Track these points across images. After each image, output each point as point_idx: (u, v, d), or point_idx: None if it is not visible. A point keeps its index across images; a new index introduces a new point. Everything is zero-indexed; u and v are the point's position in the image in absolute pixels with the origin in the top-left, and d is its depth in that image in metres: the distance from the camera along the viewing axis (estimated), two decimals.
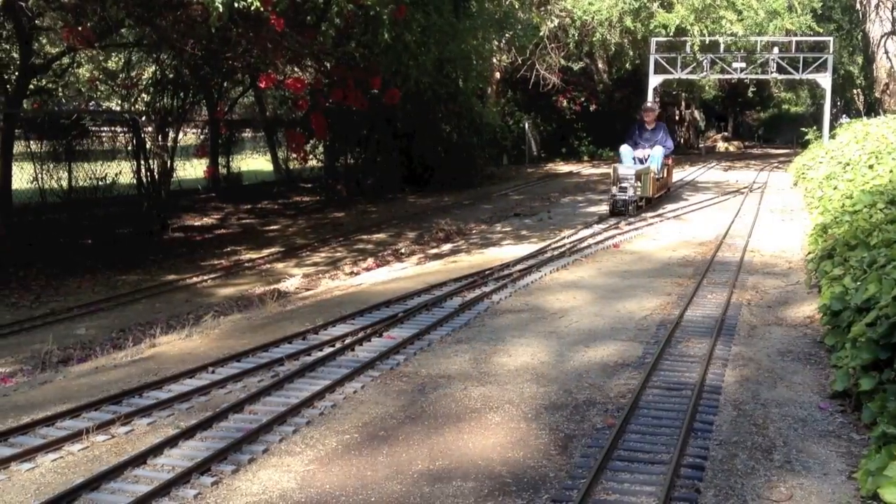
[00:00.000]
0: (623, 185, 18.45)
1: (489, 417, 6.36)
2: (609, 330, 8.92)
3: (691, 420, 6.09)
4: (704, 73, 33.07)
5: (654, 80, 32.64)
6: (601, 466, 5.30)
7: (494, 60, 32.20)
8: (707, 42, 30.29)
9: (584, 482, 5.08)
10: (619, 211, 18.49)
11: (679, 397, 6.65)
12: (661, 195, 21.09)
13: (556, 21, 32.13)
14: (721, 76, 34.89)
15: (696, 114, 58.77)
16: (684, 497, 4.98)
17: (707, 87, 49.30)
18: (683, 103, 55.01)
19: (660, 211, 19.66)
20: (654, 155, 20.28)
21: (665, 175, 21.78)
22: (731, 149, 56.22)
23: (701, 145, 56.17)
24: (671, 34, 29.81)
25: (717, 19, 29.60)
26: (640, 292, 10.73)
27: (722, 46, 31.12)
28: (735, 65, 32.13)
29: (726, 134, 64.06)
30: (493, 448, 5.77)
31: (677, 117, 56.16)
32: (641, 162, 19.87)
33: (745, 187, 25.56)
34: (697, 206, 20.60)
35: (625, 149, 20.47)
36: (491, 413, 6.45)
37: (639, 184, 18.58)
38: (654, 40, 31.76)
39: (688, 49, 30.97)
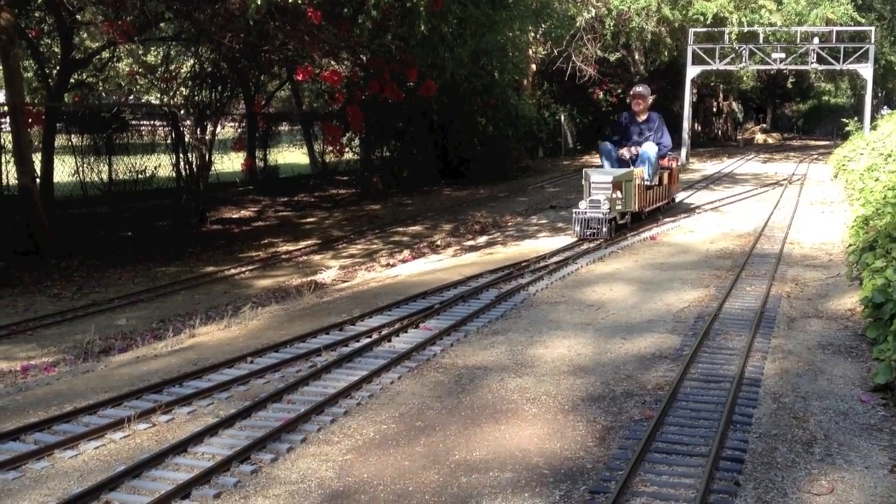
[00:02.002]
0: (595, 197, 13.95)
1: (526, 409, 6.35)
2: (646, 322, 8.87)
3: (730, 412, 6.04)
4: (743, 64, 32.70)
5: (692, 72, 32.37)
6: (639, 458, 5.28)
7: (530, 52, 32.09)
8: (745, 32, 29.93)
9: (621, 474, 5.06)
10: (589, 235, 13.94)
11: (718, 389, 6.60)
12: (657, 207, 16.72)
13: (593, 11, 31.93)
14: (760, 67, 34.50)
15: (734, 105, 58.16)
16: (724, 490, 4.95)
17: (745, 78, 48.71)
18: (721, 95, 54.44)
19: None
20: (645, 154, 15.69)
21: (666, 181, 17.18)
22: (770, 141, 55.62)
23: (739, 137, 55.59)
24: (709, 23, 29.49)
25: (756, 8, 29.24)
26: (677, 284, 10.66)
27: (761, 37, 30.74)
28: (774, 55, 31.72)
29: (765, 126, 63.34)
30: (529, 439, 5.77)
31: (715, 109, 55.64)
32: (628, 164, 15.58)
33: (784, 179, 25.27)
34: (736, 198, 20.40)
35: (605, 147, 16.16)
36: (528, 404, 6.44)
37: (618, 195, 14.28)
38: (691, 31, 31.47)
39: (726, 39, 30.63)
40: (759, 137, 56.85)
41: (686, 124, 34.04)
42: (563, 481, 5.13)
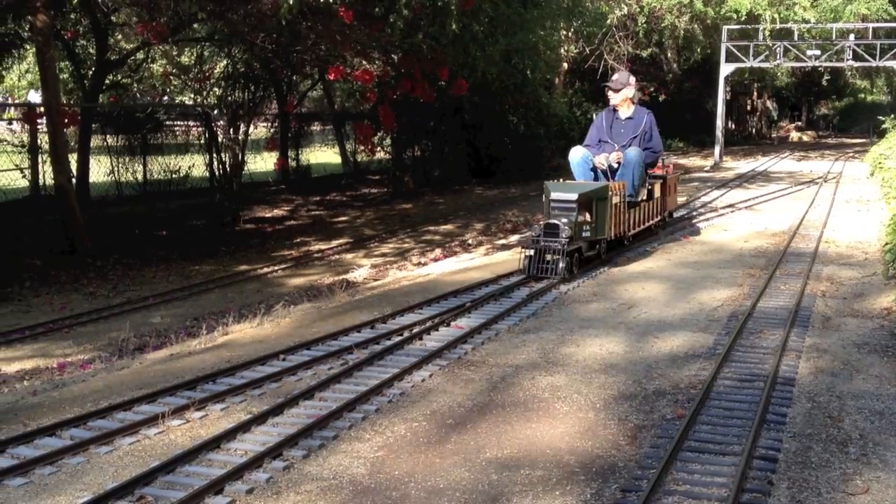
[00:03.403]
0: (554, 221, 10.58)
1: (557, 407, 6.34)
2: (679, 320, 8.82)
3: (764, 411, 5.99)
4: (777, 62, 32.38)
5: (726, 69, 32.11)
6: (671, 457, 5.25)
7: (562, 50, 31.98)
8: (780, 29, 29.63)
9: (653, 472, 5.03)
10: (539, 273, 10.47)
11: (751, 388, 6.55)
12: (647, 228, 13.53)
13: (625, 9, 31.79)
14: (795, 64, 34.19)
15: (769, 103, 57.62)
16: (757, 489, 4.91)
17: (780, 76, 48.25)
18: (755, 92, 53.96)
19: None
20: (629, 161, 12.11)
21: (658, 194, 13.74)
22: (805, 139, 55.06)
23: (773, 135, 55.09)
24: (743, 20, 29.22)
25: (790, 5, 28.94)
26: (711, 283, 10.58)
27: (796, 33, 30.41)
28: (809, 52, 31.38)
29: (800, 124, 62.73)
30: (560, 437, 5.76)
31: (749, 107, 55.16)
32: (606, 175, 12.09)
33: (819, 177, 25.00)
34: (770, 196, 20.21)
35: (577, 153, 12.34)
36: (559, 403, 6.43)
37: (587, 217, 11.03)
38: (725, 28, 31.21)
39: (760, 36, 30.34)
40: (794, 135, 56.29)
41: (719, 122, 33.78)
42: (594, 479, 5.11)
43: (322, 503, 4.85)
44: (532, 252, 10.55)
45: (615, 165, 12.12)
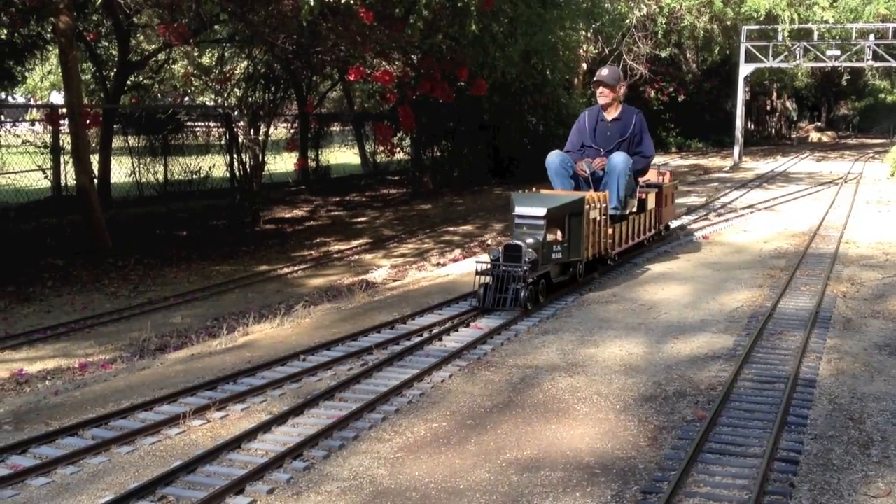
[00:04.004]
0: (515, 241, 9.01)
1: (577, 408, 6.33)
2: (699, 321, 8.79)
3: (785, 413, 5.96)
4: (797, 62, 32.22)
5: (745, 69, 31.98)
6: (692, 458, 5.23)
7: (581, 51, 31.94)
8: (800, 29, 29.48)
9: (674, 474, 5.02)
10: (496, 305, 8.91)
11: (772, 390, 6.52)
12: (639, 243, 12.18)
13: (644, 9, 31.70)
14: (814, 65, 34.01)
15: (788, 103, 57.29)
16: (778, 491, 4.89)
17: (799, 76, 47.98)
18: (775, 93, 53.68)
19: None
20: (614, 168, 10.77)
21: (652, 204, 12.41)
22: (825, 139, 54.71)
23: (793, 136, 54.80)
24: (762, 20, 29.09)
25: (809, 5, 28.80)
26: (731, 284, 10.54)
27: (815, 34, 30.24)
28: (829, 52, 31.20)
29: (819, 124, 62.35)
30: (581, 438, 5.75)
31: (768, 107, 54.88)
32: (588, 184, 10.78)
33: (839, 178, 24.84)
34: (790, 196, 20.11)
35: (554, 158, 11.04)
36: (579, 404, 6.42)
37: (556, 236, 9.54)
38: (744, 28, 31.08)
39: (779, 37, 30.19)
40: (814, 136, 55.96)
41: (739, 123, 33.64)
42: (614, 481, 5.10)
43: (342, 503, 4.87)
44: (489, 279, 8.95)
45: (600, 173, 10.84)
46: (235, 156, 19.82)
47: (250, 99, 20.96)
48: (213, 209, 19.61)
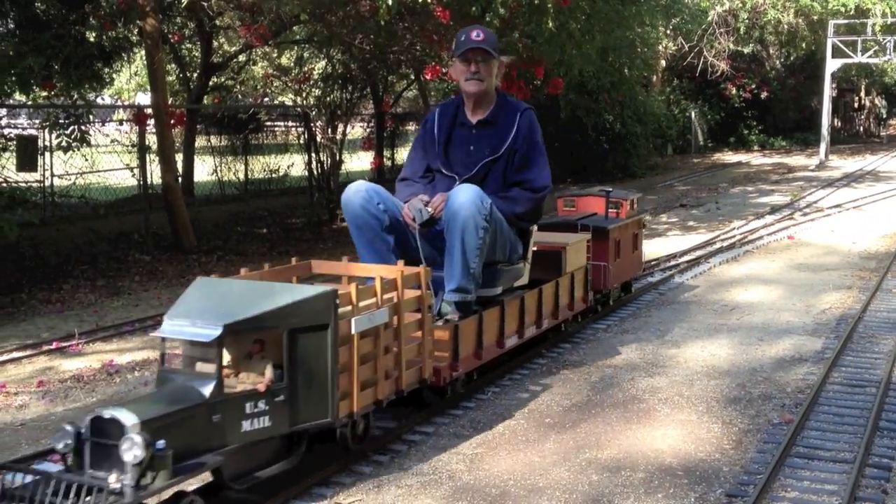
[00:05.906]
0: (110, 413, 3.81)
1: (658, 409, 6.24)
2: (784, 323, 8.58)
3: (877, 418, 5.78)
4: (887, 57, 31.21)
5: (832, 65, 31.13)
6: (779, 462, 5.11)
7: (660, 48, 31.50)
8: (891, 23, 28.60)
9: (760, 478, 4.90)
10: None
11: (863, 394, 6.33)
12: (527, 341, 7.11)
13: (726, 4, 31.13)
14: None
15: (877, 100, 55.62)
16: (870, 497, 4.74)
17: (889, 72, 46.52)
18: (863, 89, 52.17)
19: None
20: (454, 215, 5.82)
21: (576, 263, 7.80)
22: None
23: (882, 133, 53.23)
24: (850, 13, 28.30)
25: None
26: (817, 285, 10.27)
27: None
28: None
29: None
30: (661, 440, 5.66)
31: (856, 104, 53.40)
32: (415, 240, 6.13)
33: None
34: (879, 196, 19.52)
35: (353, 199, 6.22)
36: (659, 405, 6.32)
37: (257, 378, 4.34)
38: (831, 22, 30.26)
39: (869, 31, 29.33)
40: None
41: (825, 120, 32.76)
42: (697, 483, 5.01)
43: (423, 497, 4.87)
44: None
45: (437, 216, 6.06)
46: (313, 155, 20.01)
47: (328, 99, 21.15)
48: (291, 207, 19.87)
